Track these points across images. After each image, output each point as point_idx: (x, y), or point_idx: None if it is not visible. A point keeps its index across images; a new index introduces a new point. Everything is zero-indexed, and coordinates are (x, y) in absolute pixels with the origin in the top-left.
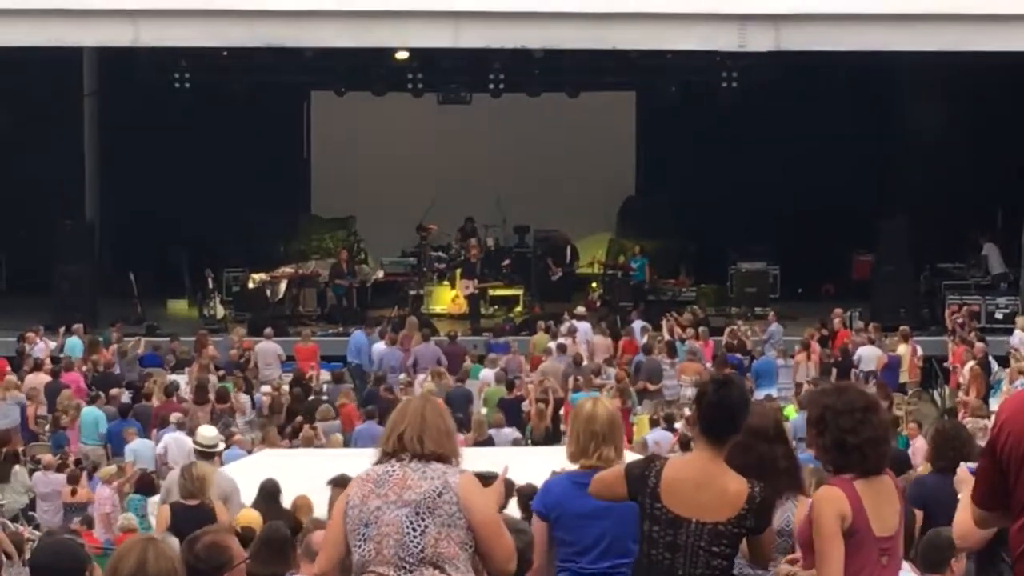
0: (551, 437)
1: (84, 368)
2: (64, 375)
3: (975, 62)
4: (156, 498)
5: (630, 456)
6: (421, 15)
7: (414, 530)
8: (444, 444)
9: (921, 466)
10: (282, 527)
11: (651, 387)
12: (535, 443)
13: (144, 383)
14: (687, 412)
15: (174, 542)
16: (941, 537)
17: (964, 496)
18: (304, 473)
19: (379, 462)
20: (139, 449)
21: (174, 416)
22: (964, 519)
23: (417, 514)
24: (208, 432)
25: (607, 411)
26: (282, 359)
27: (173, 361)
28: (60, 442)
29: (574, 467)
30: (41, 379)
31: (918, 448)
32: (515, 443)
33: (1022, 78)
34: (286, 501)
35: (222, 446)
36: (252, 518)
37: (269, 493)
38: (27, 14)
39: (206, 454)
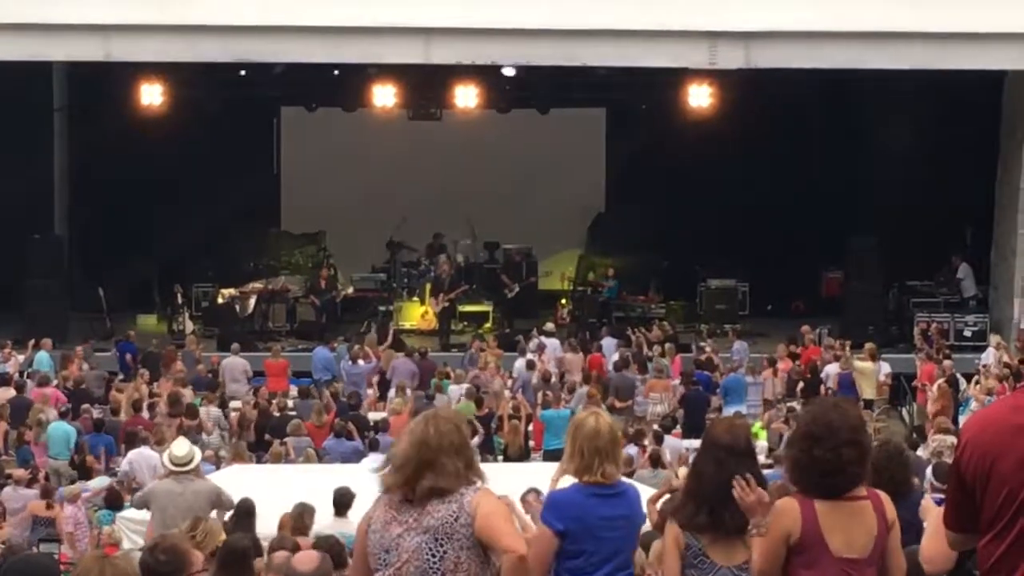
0: (524, 454)
1: (56, 383)
2: (36, 390)
3: (945, 80)
4: (130, 512)
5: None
6: (392, 31)
7: (433, 556)
8: (458, 479)
9: None
10: (243, 539)
11: (619, 404)
12: (510, 459)
13: (111, 393)
14: (656, 428)
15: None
16: (912, 556)
17: (930, 523)
18: (274, 488)
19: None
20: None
21: (142, 431)
22: (931, 545)
23: (436, 540)
24: (180, 450)
25: (609, 426)
26: (249, 375)
27: (147, 375)
28: (25, 457)
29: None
30: (8, 394)
31: None
32: (482, 460)
33: (991, 96)
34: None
35: (197, 459)
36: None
37: (245, 512)
38: None
39: (179, 473)
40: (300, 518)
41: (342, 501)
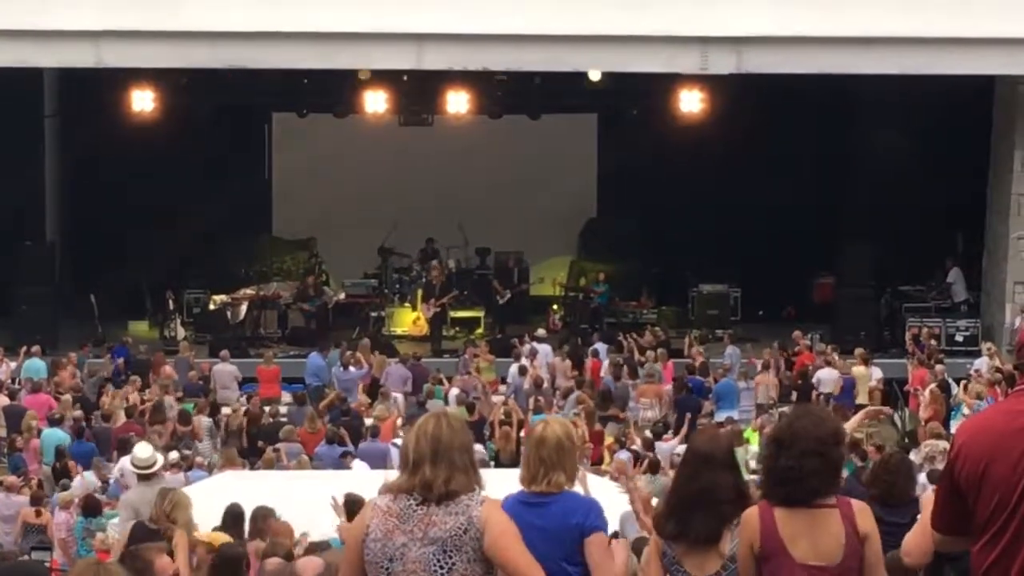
0: (516, 459)
1: (47, 389)
2: (29, 397)
3: (936, 85)
4: (114, 520)
5: (595, 479)
6: (384, 37)
7: (441, 567)
8: (468, 478)
9: None
10: (237, 546)
11: (621, 415)
12: (503, 465)
13: (101, 397)
14: (647, 433)
15: None
16: (897, 560)
17: (923, 517)
18: (265, 494)
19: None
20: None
21: (134, 438)
22: (913, 538)
23: (444, 552)
24: (143, 452)
25: (555, 435)
26: (239, 380)
27: (139, 383)
28: (17, 464)
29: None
30: (1, 402)
31: None
32: (481, 464)
33: (982, 102)
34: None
35: (159, 464)
36: (217, 538)
37: (233, 517)
38: None
39: (144, 476)
40: (258, 521)
41: (354, 509)
